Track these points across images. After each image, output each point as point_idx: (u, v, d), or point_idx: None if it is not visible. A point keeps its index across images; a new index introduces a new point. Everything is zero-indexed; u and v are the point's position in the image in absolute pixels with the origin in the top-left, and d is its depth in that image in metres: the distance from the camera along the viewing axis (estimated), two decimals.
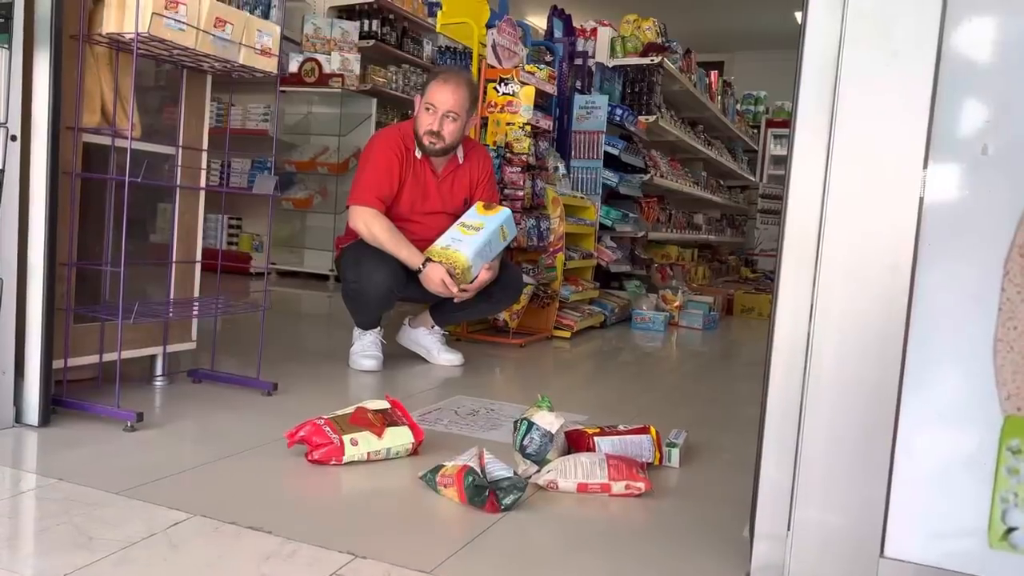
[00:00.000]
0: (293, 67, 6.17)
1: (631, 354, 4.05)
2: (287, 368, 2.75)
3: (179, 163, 2.31)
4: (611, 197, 4.99)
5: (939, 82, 1.18)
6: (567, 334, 4.06)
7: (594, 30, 5.18)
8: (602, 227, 4.73)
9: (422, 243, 2.84)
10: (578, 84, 5.04)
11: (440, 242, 2.84)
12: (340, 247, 3.02)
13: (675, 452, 1.95)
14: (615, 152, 4.60)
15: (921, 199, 1.19)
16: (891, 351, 1.21)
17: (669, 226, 5.88)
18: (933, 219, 1.19)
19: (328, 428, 1.79)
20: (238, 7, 6.48)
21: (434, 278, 2.74)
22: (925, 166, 1.19)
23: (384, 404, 1.93)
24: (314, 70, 6.03)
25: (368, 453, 1.80)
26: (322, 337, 3.91)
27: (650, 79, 5.08)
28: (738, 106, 10.12)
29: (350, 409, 1.88)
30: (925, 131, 1.19)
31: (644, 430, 1.91)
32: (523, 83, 3.61)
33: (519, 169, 3.62)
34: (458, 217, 2.91)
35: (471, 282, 2.81)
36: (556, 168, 4.34)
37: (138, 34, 1.90)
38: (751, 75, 13.04)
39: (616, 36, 5.19)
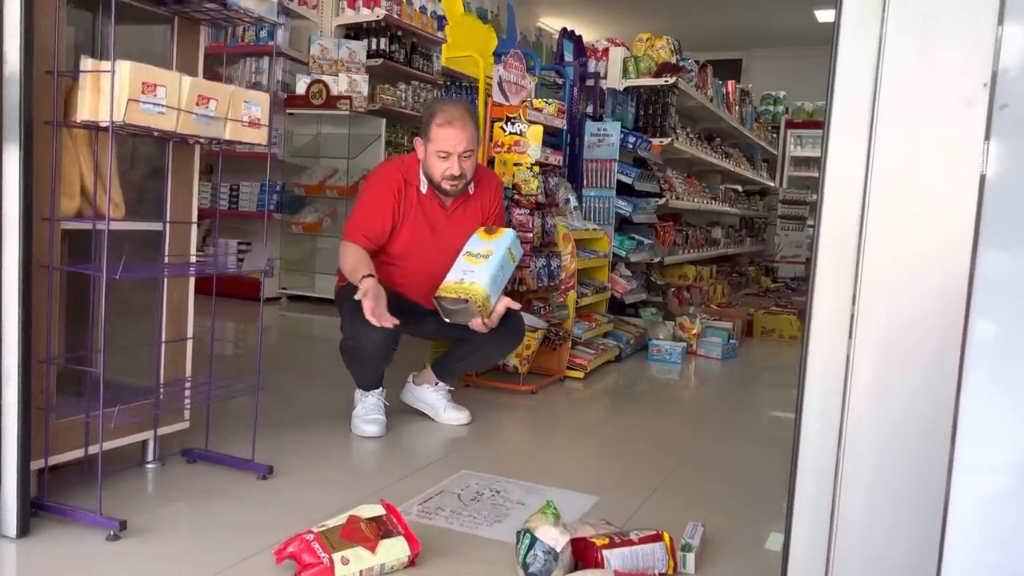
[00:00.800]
0: (300, 89, 6.07)
1: (646, 393, 3.92)
2: (286, 436, 2.65)
3: (167, 248, 2.20)
4: (624, 223, 4.85)
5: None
6: (580, 375, 3.93)
7: (606, 50, 5.03)
8: (615, 256, 4.60)
9: (436, 280, 2.75)
10: (589, 108, 4.91)
11: (451, 276, 2.73)
12: (338, 285, 2.94)
13: (690, 557, 1.82)
14: (628, 181, 4.46)
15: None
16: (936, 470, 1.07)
17: (686, 246, 5.73)
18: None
19: (318, 545, 1.68)
20: (243, 31, 6.34)
21: (365, 291, 2.55)
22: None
23: (379, 510, 1.82)
24: (321, 92, 5.92)
25: (361, 571, 1.69)
26: (327, 376, 3.80)
27: (664, 101, 4.93)
28: (756, 108, 9.92)
29: (342, 519, 1.77)
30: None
31: (657, 537, 1.78)
32: (531, 122, 3.48)
33: (528, 211, 3.49)
34: None
35: (490, 315, 2.71)
36: (567, 200, 4.20)
37: (113, 123, 1.79)
38: (769, 73, 12.81)
39: (629, 56, 5.03)
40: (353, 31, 6.53)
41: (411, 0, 6.65)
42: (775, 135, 10.81)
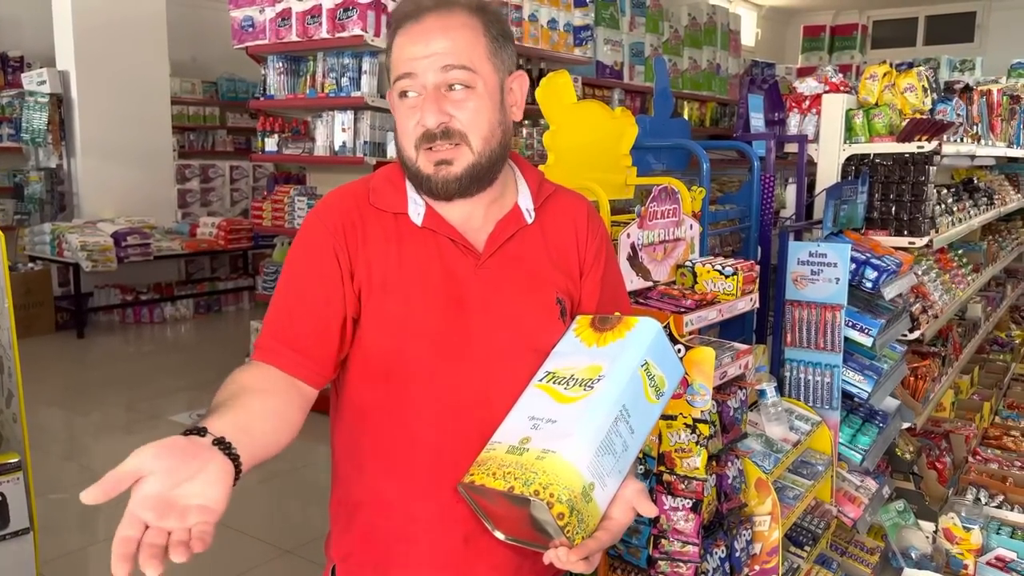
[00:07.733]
0: (392, 151, 4.69)
1: None
2: None
3: None
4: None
5: None
6: None
7: (816, 98, 3.19)
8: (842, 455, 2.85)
9: (475, 443, 1.20)
10: (789, 187, 3.14)
11: (501, 435, 1.17)
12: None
13: None
14: (867, 343, 2.67)
15: None
16: None
17: (944, 369, 3.81)
18: None
19: None
20: (323, 74, 5.04)
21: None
22: None
23: None
24: None
25: None
26: None
27: (916, 179, 3.05)
28: (1003, 81, 7.44)
29: None
30: None
31: None
32: (687, 342, 1.83)
33: (689, 504, 1.87)
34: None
35: (592, 532, 1.08)
36: (762, 392, 2.51)
37: None
38: (1013, 30, 10.04)
39: (854, 108, 3.16)
40: None
41: (535, 14, 5.04)
42: None
